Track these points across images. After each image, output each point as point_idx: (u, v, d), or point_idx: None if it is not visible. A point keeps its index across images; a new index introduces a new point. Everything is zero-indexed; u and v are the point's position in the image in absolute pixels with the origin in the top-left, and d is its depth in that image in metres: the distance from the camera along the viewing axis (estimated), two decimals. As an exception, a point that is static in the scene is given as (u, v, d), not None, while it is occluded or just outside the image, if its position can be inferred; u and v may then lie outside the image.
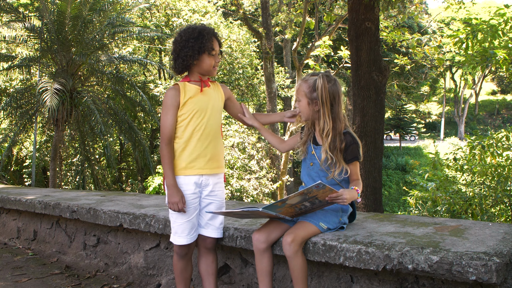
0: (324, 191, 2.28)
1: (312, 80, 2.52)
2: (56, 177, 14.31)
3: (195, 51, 2.60)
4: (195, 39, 2.60)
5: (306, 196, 2.29)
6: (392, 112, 41.76)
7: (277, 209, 2.37)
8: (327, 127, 2.48)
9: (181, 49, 2.62)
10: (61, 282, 3.61)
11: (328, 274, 2.50)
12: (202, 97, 2.69)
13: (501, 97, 57.29)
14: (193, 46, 2.59)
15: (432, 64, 19.27)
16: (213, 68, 2.71)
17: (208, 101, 2.70)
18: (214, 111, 2.72)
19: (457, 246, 2.04)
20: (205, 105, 2.68)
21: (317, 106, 2.51)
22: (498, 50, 7.04)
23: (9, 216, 5.32)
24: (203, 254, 2.78)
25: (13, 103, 14.04)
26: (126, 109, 16.44)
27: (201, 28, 2.65)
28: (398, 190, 28.14)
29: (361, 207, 6.69)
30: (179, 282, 2.80)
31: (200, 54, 2.62)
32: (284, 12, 18.95)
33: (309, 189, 2.24)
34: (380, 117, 6.88)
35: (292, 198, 2.30)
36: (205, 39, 2.61)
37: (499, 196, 6.66)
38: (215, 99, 2.75)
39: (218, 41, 2.71)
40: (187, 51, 2.60)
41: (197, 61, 2.64)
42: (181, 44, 2.63)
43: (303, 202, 2.34)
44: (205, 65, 2.66)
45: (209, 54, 2.63)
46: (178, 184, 2.63)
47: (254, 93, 23.00)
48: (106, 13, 14.01)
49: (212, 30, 2.70)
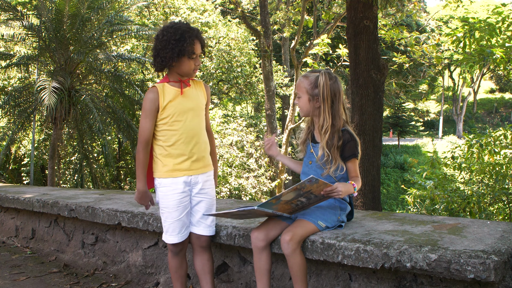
0: (318, 185, 2.27)
1: (314, 76, 2.52)
2: (54, 175, 14.30)
3: (175, 53, 2.53)
4: (176, 41, 2.53)
5: (301, 191, 2.29)
6: (390, 110, 41.77)
7: (272, 206, 2.36)
8: (326, 123, 2.48)
9: (161, 48, 2.56)
10: (60, 281, 3.60)
11: (327, 273, 2.51)
12: (182, 99, 2.64)
13: (499, 95, 57.30)
14: (173, 48, 2.53)
15: (431, 62, 19.27)
16: (193, 71, 2.65)
17: (188, 102, 2.66)
18: (197, 111, 2.69)
19: (455, 244, 2.05)
20: (186, 107, 2.64)
21: (318, 103, 2.50)
22: (495, 49, 7.04)
23: (7, 214, 5.32)
24: (198, 252, 2.78)
25: (11, 102, 14.01)
26: (124, 107, 16.41)
27: (184, 29, 2.56)
28: (396, 189, 28.16)
29: (359, 206, 6.70)
30: (175, 280, 2.80)
31: (180, 57, 2.56)
32: (282, 10, 18.92)
33: (302, 184, 2.24)
34: (379, 115, 6.88)
35: (286, 194, 2.29)
36: (187, 43, 2.53)
37: (497, 194, 6.67)
38: (196, 99, 2.70)
39: (201, 43, 2.65)
40: (166, 52, 2.54)
41: (176, 63, 2.59)
42: (162, 44, 2.56)
43: (298, 198, 2.33)
44: (184, 67, 2.61)
45: (189, 58, 2.58)
46: (166, 185, 2.65)
47: (253, 92, 23.01)
48: (104, 11, 13.98)
49: (196, 31, 2.62)
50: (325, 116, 2.48)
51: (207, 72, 20.58)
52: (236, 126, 17.07)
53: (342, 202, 2.56)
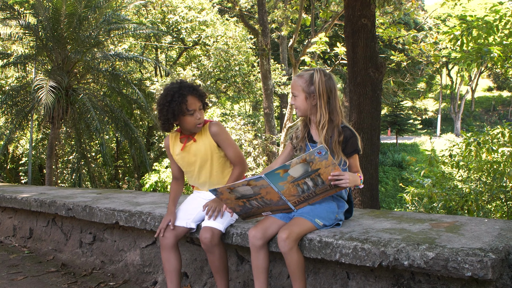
0: (327, 163, 2.27)
1: (308, 74, 2.54)
2: (52, 175, 14.28)
3: (170, 114, 2.67)
4: (169, 102, 2.65)
5: (309, 167, 2.27)
6: (388, 108, 41.80)
7: (279, 182, 2.34)
8: (323, 119, 2.50)
9: (160, 111, 2.71)
10: (57, 280, 3.60)
11: (324, 271, 2.51)
12: (185, 154, 2.83)
13: (497, 94, 57.40)
14: (167, 110, 2.66)
15: (428, 60, 19.28)
16: (196, 126, 2.76)
17: (191, 157, 2.83)
18: (204, 162, 2.83)
19: (453, 243, 2.05)
20: (190, 160, 2.84)
21: (315, 100, 2.52)
22: (492, 47, 7.04)
23: (4, 214, 5.31)
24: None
25: (9, 101, 14.00)
26: (122, 106, 16.40)
27: (175, 90, 2.67)
28: (394, 187, 28.15)
29: (357, 204, 6.71)
30: (165, 274, 2.82)
31: (178, 116, 2.69)
32: (280, 9, 18.91)
33: (311, 154, 2.23)
34: (377, 113, 6.89)
35: (294, 166, 2.27)
36: (177, 102, 2.64)
37: (495, 192, 6.68)
38: (199, 153, 2.82)
39: (198, 96, 2.73)
40: (164, 115, 2.68)
41: (177, 122, 2.74)
42: (159, 107, 2.71)
43: (305, 177, 2.32)
44: (186, 124, 2.75)
45: (186, 115, 2.70)
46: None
47: (251, 90, 22.99)
48: (101, 10, 13.96)
49: (187, 88, 2.70)
50: (322, 112, 2.50)
51: (205, 71, 20.56)
52: (234, 125, 17.07)
53: (340, 200, 2.56)
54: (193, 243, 3.21)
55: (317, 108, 2.52)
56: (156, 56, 23.46)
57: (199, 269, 3.17)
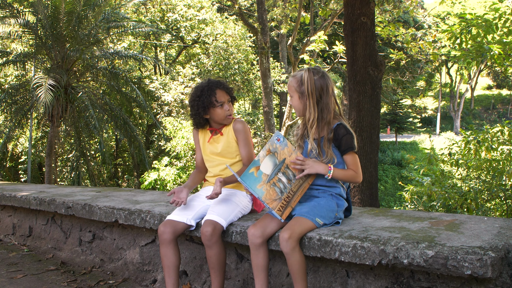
0: (289, 150, 2.41)
1: (299, 74, 2.58)
2: (51, 173, 14.28)
3: (201, 108, 2.91)
4: (199, 97, 2.91)
5: (276, 159, 2.38)
6: (388, 107, 41.79)
7: (257, 184, 2.40)
8: (312, 117, 2.53)
9: (191, 108, 2.98)
10: (57, 278, 3.60)
11: (324, 269, 2.51)
12: (209, 145, 3.04)
13: (496, 92, 57.41)
14: (198, 105, 2.91)
15: (428, 58, 19.27)
16: (226, 118, 2.97)
17: (215, 150, 3.01)
18: (223, 157, 3.00)
19: (453, 241, 2.05)
20: (213, 152, 3.02)
21: (306, 99, 2.55)
22: (492, 45, 7.04)
23: (4, 212, 5.30)
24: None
25: (8, 99, 14.00)
26: (121, 104, 16.39)
27: (204, 85, 2.95)
28: (394, 185, 28.17)
29: (357, 202, 6.70)
30: (164, 270, 2.81)
31: (208, 109, 2.92)
32: (279, 7, 18.91)
33: (271, 143, 2.40)
34: (376, 112, 6.88)
35: (263, 160, 2.40)
36: (206, 95, 2.89)
37: (494, 191, 6.68)
38: (223, 147, 3.00)
39: (226, 90, 2.98)
40: (196, 108, 2.93)
41: (207, 115, 2.95)
42: (191, 104, 2.98)
43: (276, 172, 2.42)
44: (215, 116, 2.95)
45: (215, 107, 2.92)
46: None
47: (250, 89, 22.98)
48: (100, 8, 13.95)
49: (215, 83, 2.96)
50: (310, 110, 2.54)
51: (204, 69, 20.54)
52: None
53: (339, 198, 2.56)
54: (193, 241, 3.21)
55: (306, 106, 2.55)
56: (156, 55, 23.46)
57: (198, 267, 3.17)
